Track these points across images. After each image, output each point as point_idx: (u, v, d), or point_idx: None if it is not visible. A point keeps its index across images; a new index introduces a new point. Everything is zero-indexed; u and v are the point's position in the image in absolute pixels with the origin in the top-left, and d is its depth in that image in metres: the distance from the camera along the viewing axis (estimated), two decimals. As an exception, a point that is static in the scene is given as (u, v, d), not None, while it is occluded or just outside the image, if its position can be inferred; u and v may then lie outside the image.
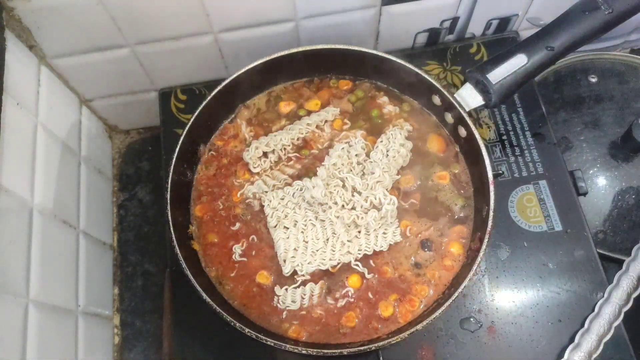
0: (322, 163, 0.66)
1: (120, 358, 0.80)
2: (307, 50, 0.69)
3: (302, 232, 0.64)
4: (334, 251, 0.63)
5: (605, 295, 0.65)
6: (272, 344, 0.55)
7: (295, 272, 0.63)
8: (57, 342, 0.65)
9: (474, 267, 0.57)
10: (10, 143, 0.60)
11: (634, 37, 0.97)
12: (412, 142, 0.69)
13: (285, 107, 0.73)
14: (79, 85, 0.80)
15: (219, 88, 0.68)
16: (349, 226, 0.63)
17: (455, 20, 0.80)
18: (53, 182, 0.70)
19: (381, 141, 0.68)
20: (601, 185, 0.78)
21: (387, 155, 0.67)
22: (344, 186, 0.64)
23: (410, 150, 0.69)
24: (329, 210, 0.63)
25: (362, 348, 0.56)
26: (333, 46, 0.68)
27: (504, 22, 0.83)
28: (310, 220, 0.64)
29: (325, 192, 0.63)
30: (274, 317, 0.61)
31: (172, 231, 0.61)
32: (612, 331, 0.63)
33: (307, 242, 0.63)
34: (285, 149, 0.70)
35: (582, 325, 0.64)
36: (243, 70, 0.68)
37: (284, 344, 0.55)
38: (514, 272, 0.68)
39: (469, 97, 0.64)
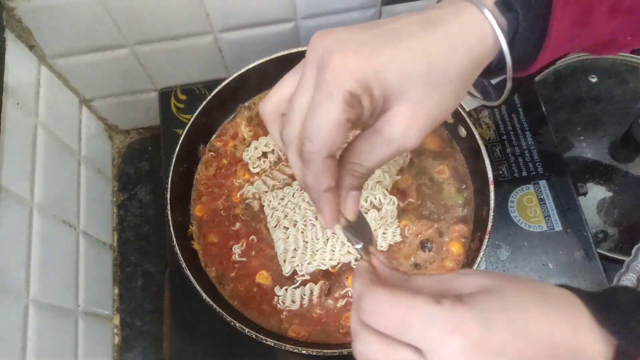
0: (322, 163, 0.66)
1: (120, 358, 0.80)
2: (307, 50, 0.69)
3: (302, 232, 0.64)
4: (333, 251, 0.63)
5: (605, 295, 0.65)
6: (272, 344, 0.55)
7: (295, 272, 0.63)
8: (57, 342, 0.65)
9: (474, 267, 0.57)
10: (10, 143, 0.60)
11: (634, 37, 0.97)
12: (412, 142, 0.69)
13: (285, 107, 0.73)
14: (79, 85, 0.80)
15: (219, 88, 0.68)
16: (349, 226, 0.63)
17: (455, 20, 0.80)
18: (53, 182, 0.70)
19: (381, 141, 0.68)
20: (601, 186, 0.78)
21: (387, 155, 0.67)
22: (344, 186, 0.64)
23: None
24: (329, 210, 0.63)
25: (362, 348, 0.56)
26: (333, 46, 0.68)
27: (504, 22, 0.83)
28: (310, 220, 0.64)
29: (325, 192, 0.63)
30: (274, 317, 0.61)
31: (172, 231, 0.61)
32: (612, 331, 0.63)
33: (307, 242, 0.63)
34: (285, 149, 0.70)
35: (582, 325, 0.63)
36: (243, 70, 0.68)
37: (284, 344, 0.55)
38: (514, 272, 0.67)
39: (468, 97, 0.64)
